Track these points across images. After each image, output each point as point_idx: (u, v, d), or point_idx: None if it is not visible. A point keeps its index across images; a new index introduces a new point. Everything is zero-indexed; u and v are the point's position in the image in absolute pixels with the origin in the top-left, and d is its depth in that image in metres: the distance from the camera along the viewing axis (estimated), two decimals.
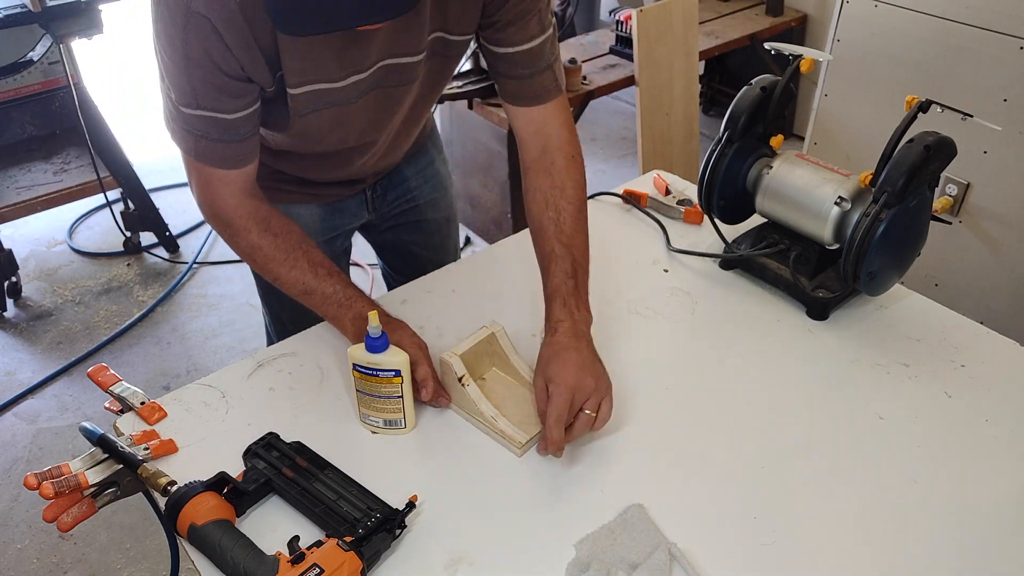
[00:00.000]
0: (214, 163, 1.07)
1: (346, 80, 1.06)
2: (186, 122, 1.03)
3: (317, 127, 1.12)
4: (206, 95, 1.00)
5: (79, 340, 2.68)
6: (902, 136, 1.16)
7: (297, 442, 1.03)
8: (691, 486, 1.00)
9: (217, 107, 1.01)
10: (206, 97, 1.00)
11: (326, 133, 1.15)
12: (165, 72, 1.01)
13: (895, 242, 1.16)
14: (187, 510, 0.90)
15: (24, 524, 2.08)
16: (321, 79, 1.04)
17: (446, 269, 1.43)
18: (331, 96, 1.07)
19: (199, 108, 1.01)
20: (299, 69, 1.02)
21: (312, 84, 1.04)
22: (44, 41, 2.70)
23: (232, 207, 1.11)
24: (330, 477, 0.98)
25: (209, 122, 1.03)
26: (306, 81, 1.04)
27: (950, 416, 1.10)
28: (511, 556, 0.92)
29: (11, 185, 2.73)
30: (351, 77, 1.06)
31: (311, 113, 1.08)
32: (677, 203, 1.50)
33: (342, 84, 1.06)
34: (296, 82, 1.03)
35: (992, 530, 0.95)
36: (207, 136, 1.04)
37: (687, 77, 2.98)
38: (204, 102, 1.01)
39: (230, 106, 1.02)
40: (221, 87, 1.00)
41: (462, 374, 1.06)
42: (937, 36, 2.08)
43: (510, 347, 1.13)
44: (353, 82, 1.07)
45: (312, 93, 1.05)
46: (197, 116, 1.02)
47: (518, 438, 1.04)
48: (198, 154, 1.07)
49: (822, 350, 1.21)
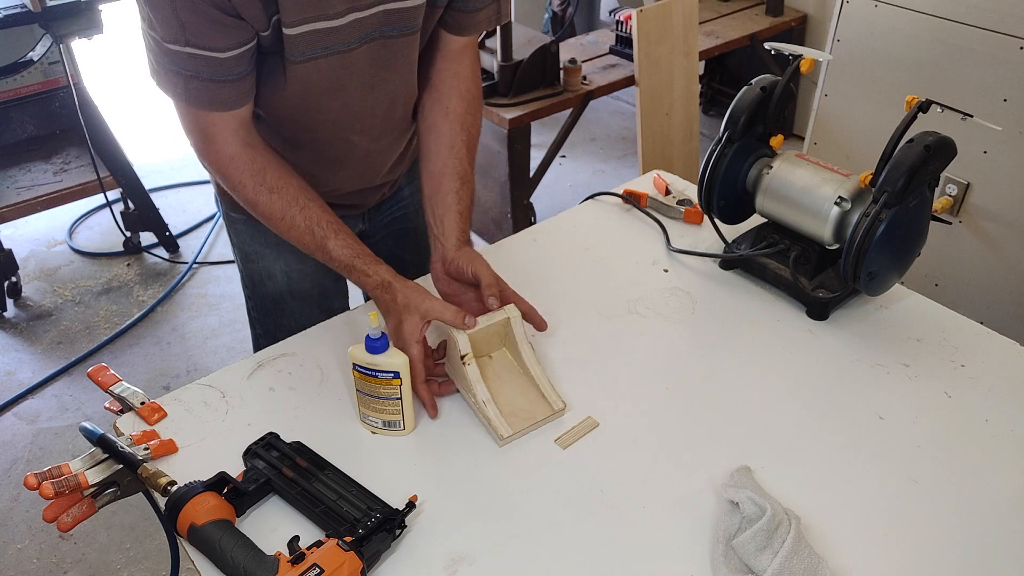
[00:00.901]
0: (208, 105, 1.02)
1: (346, 17, 1.02)
2: (174, 62, 0.97)
3: (317, 81, 1.09)
4: (196, 29, 0.95)
5: (79, 340, 2.68)
6: (902, 136, 1.16)
7: (297, 442, 1.03)
8: (691, 486, 1.00)
9: (208, 44, 0.96)
10: (195, 32, 0.95)
11: (326, 92, 1.12)
12: (149, 5, 0.95)
13: (895, 242, 1.16)
14: (187, 510, 0.90)
15: (24, 524, 2.08)
16: (320, 15, 1.01)
17: None
18: (329, 38, 1.03)
19: (188, 45, 0.96)
20: (297, 4, 0.98)
21: (311, 23, 1.01)
22: (44, 41, 2.71)
23: (227, 157, 1.07)
24: (330, 477, 0.98)
25: (200, 61, 0.97)
26: (304, 19, 1.00)
27: (950, 416, 1.10)
28: (511, 556, 0.92)
29: (11, 185, 2.73)
30: (351, 14, 1.03)
31: (309, 61, 1.05)
32: (677, 203, 1.50)
33: (341, 22, 1.03)
34: (294, 19, 0.99)
35: (992, 530, 0.95)
36: (198, 76, 0.98)
37: (687, 77, 2.98)
38: (193, 38, 0.95)
39: (221, 43, 0.97)
40: (212, 20, 0.94)
41: (465, 352, 1.06)
42: (937, 36, 2.08)
43: (523, 335, 1.12)
44: (353, 20, 1.03)
45: (310, 34, 1.01)
46: (186, 54, 0.96)
47: (502, 431, 1.04)
48: (189, 97, 1.01)
49: (822, 350, 1.21)
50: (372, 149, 1.27)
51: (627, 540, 0.94)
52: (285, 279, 1.39)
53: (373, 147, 1.27)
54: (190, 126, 1.06)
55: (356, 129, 1.21)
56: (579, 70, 2.79)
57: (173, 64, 0.98)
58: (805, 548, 0.88)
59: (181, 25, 0.94)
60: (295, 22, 1.00)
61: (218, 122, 1.04)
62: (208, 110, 1.03)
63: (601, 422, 1.08)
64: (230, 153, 1.07)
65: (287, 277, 1.39)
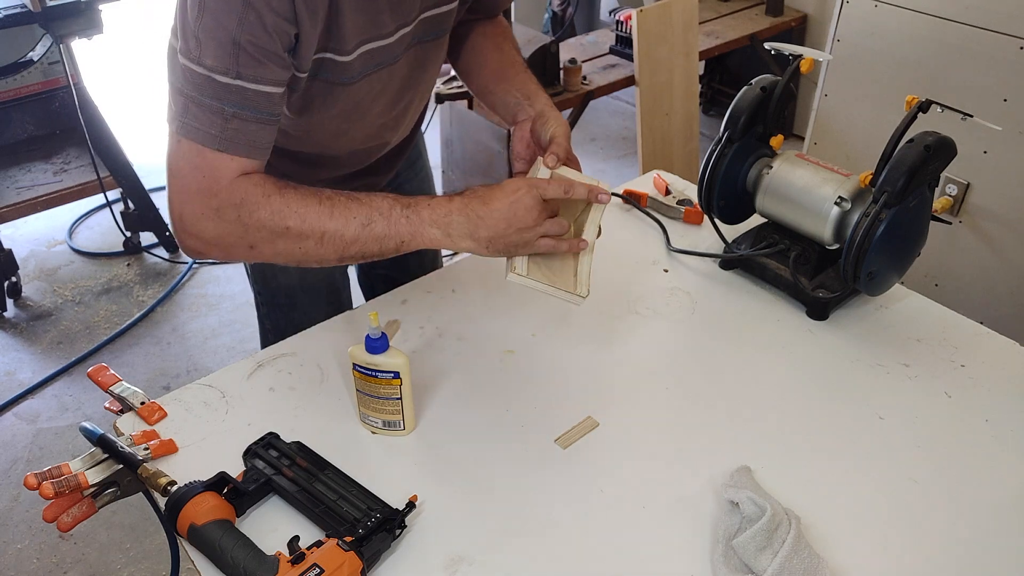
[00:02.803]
0: (243, 150, 0.93)
1: (396, 34, 1.03)
2: (217, 95, 0.89)
3: (362, 97, 1.07)
4: (250, 61, 0.88)
5: (79, 340, 2.68)
6: (902, 136, 1.16)
7: (297, 442, 1.03)
8: (691, 486, 1.00)
9: (260, 77, 0.89)
10: (250, 63, 0.88)
11: (367, 104, 1.10)
12: (202, 33, 0.86)
13: (895, 242, 1.16)
14: (187, 510, 0.90)
15: (24, 524, 2.08)
16: (375, 36, 1.00)
17: (446, 269, 1.43)
18: (381, 55, 1.03)
19: (239, 77, 0.88)
20: (358, 26, 0.96)
21: (366, 44, 1.00)
22: (44, 41, 2.70)
23: (240, 184, 0.94)
24: (330, 477, 0.98)
25: (251, 96, 0.90)
26: (362, 41, 0.99)
27: (950, 416, 1.10)
28: (511, 556, 0.92)
29: (11, 185, 2.73)
30: (400, 31, 1.03)
31: (362, 79, 1.03)
32: (677, 203, 1.50)
33: (392, 40, 1.03)
34: (352, 46, 0.98)
35: (992, 530, 0.95)
36: (241, 115, 0.90)
37: (687, 77, 2.98)
38: (247, 70, 0.88)
39: (273, 77, 0.90)
40: (269, 54, 0.89)
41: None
42: (937, 36, 2.08)
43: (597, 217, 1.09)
44: (400, 36, 1.03)
45: (366, 54, 1.01)
46: (236, 87, 0.89)
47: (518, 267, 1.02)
48: (224, 140, 0.91)
49: (822, 350, 1.21)
50: (393, 139, 1.29)
51: (627, 540, 0.94)
52: (298, 272, 1.39)
53: (394, 137, 1.28)
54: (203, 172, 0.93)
55: (389, 126, 1.22)
56: (579, 70, 2.79)
57: (216, 98, 0.89)
58: (805, 548, 0.88)
59: (237, 55, 0.87)
60: (352, 48, 0.98)
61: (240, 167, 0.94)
62: (242, 156, 0.93)
63: (601, 422, 1.08)
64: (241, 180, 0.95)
65: (299, 270, 1.39)
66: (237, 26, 0.86)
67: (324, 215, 0.96)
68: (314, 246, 0.97)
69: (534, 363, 1.18)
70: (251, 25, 0.87)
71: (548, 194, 1.01)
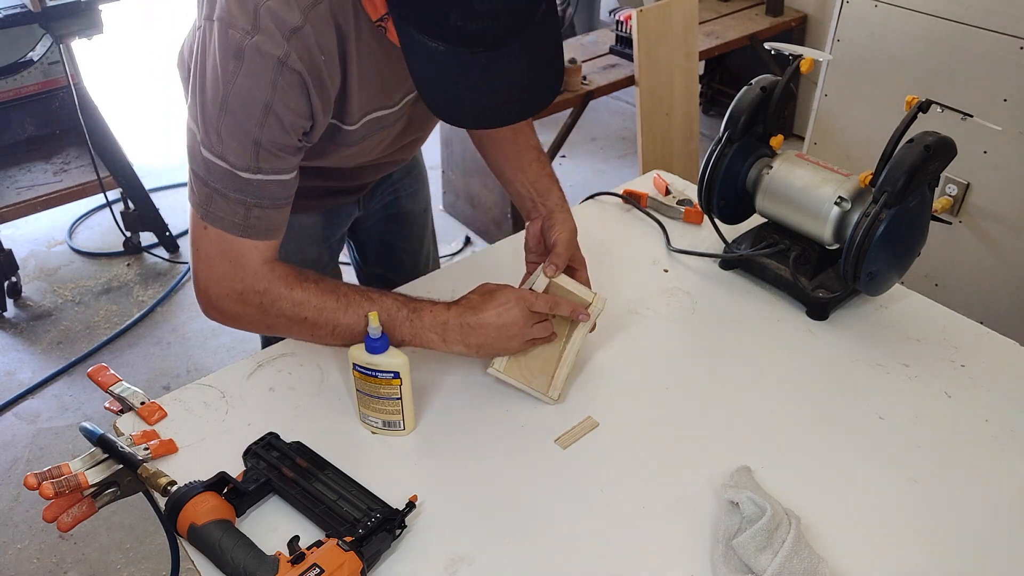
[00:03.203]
0: (264, 234, 0.98)
1: (401, 102, 1.07)
2: (240, 189, 0.94)
3: (369, 148, 1.12)
4: (269, 156, 0.93)
5: (79, 340, 2.68)
6: (902, 136, 1.16)
7: (297, 442, 1.03)
8: (691, 486, 1.00)
9: (279, 168, 0.95)
10: (269, 158, 0.94)
11: (376, 150, 1.15)
12: (224, 131, 0.91)
13: (895, 242, 1.16)
14: (187, 510, 0.90)
15: (24, 524, 2.08)
16: (381, 106, 1.04)
17: (446, 269, 1.43)
18: (384, 121, 1.08)
19: (260, 172, 0.94)
20: (366, 100, 1.01)
21: (371, 114, 1.04)
22: (44, 41, 2.70)
23: (265, 273, 1.01)
24: (330, 477, 0.98)
25: (270, 186, 0.96)
26: (366, 113, 1.03)
27: (950, 416, 1.10)
28: (511, 556, 0.92)
29: (11, 185, 2.73)
30: (405, 98, 1.07)
31: (363, 140, 1.08)
32: (677, 203, 1.50)
33: (397, 107, 1.07)
34: (357, 118, 1.02)
35: (992, 530, 0.95)
36: (261, 204, 0.96)
37: (687, 77, 2.98)
38: (266, 164, 0.94)
39: (288, 164, 0.96)
40: (287, 147, 0.94)
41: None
42: (937, 36, 2.08)
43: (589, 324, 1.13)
44: (405, 103, 1.08)
45: (369, 122, 1.05)
46: (257, 181, 0.95)
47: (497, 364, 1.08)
48: (248, 227, 0.97)
49: (822, 350, 1.21)
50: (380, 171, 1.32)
51: (627, 540, 0.94)
52: None
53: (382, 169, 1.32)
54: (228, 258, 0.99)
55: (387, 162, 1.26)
56: (579, 70, 2.79)
57: (239, 192, 0.95)
58: (805, 548, 0.88)
59: (258, 153, 0.93)
60: (358, 119, 1.02)
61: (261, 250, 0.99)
62: (263, 239, 0.99)
63: (601, 422, 1.08)
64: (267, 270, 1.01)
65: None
66: (258, 129, 0.91)
67: (340, 311, 1.02)
68: (326, 336, 1.04)
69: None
70: (271, 128, 0.92)
71: (535, 308, 1.06)
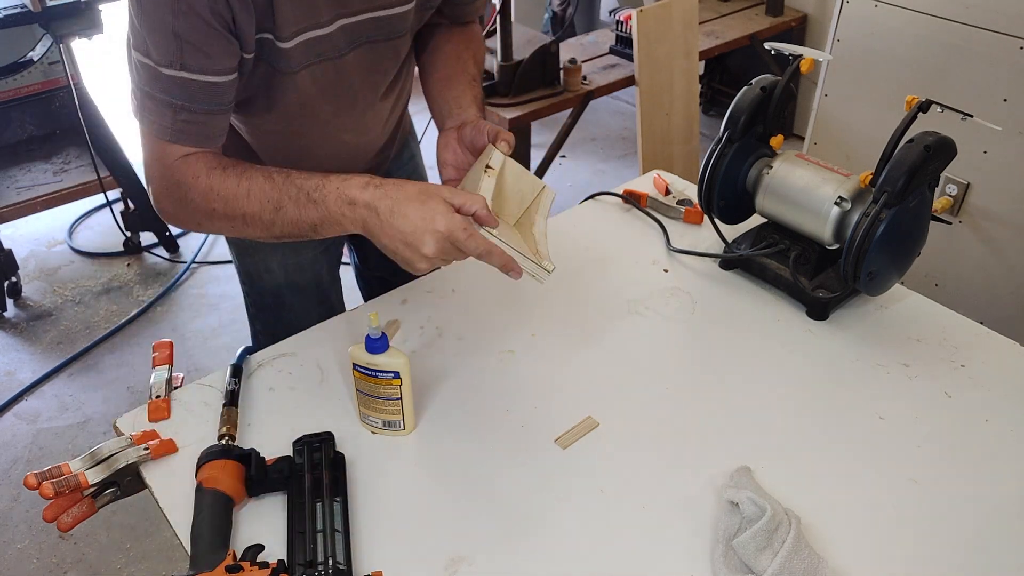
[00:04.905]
0: (194, 141, 0.96)
1: (334, 24, 1.02)
2: (166, 89, 0.92)
3: (310, 89, 1.07)
4: (194, 51, 0.90)
5: (79, 340, 2.68)
6: (902, 136, 1.16)
7: (340, 453, 1.01)
8: (691, 486, 1.00)
9: (206, 67, 0.91)
10: (194, 54, 0.90)
11: (319, 98, 1.10)
12: (144, 28, 0.90)
13: (895, 242, 1.16)
14: (205, 468, 0.94)
15: (24, 524, 2.08)
16: (311, 24, 1.00)
17: (446, 269, 1.43)
18: (321, 45, 1.03)
19: (183, 68, 0.90)
20: (292, 16, 0.97)
21: (304, 33, 0.99)
22: (44, 41, 2.70)
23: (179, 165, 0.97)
24: (333, 509, 0.94)
25: (196, 87, 0.92)
26: (297, 31, 0.99)
27: (950, 416, 1.10)
28: (511, 556, 0.92)
29: (11, 185, 2.73)
30: (339, 21, 1.03)
31: (304, 69, 1.03)
32: (677, 203, 1.50)
33: (331, 29, 1.02)
34: (288, 33, 0.98)
35: (992, 530, 0.95)
36: (189, 107, 0.93)
37: (687, 77, 2.98)
38: (192, 60, 0.90)
39: (220, 65, 0.92)
40: (212, 40, 0.90)
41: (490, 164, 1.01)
42: (937, 36, 2.08)
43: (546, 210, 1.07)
44: (341, 27, 1.03)
45: (304, 44, 1.01)
46: (181, 79, 0.91)
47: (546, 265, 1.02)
48: (176, 132, 0.94)
49: (822, 350, 1.21)
50: (361, 142, 1.28)
51: (627, 540, 0.94)
52: (283, 272, 1.39)
53: (362, 140, 1.27)
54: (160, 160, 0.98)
55: (347, 128, 1.22)
56: (579, 70, 2.79)
57: (165, 92, 0.92)
58: (805, 548, 0.88)
59: (180, 47, 0.89)
60: (290, 35, 0.99)
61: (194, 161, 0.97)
62: (193, 146, 0.97)
63: (601, 422, 1.08)
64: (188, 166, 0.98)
65: (284, 270, 1.39)
66: (172, 16, 0.88)
67: (242, 197, 0.97)
68: (242, 226, 0.99)
69: (534, 363, 1.18)
70: (185, 15, 0.88)
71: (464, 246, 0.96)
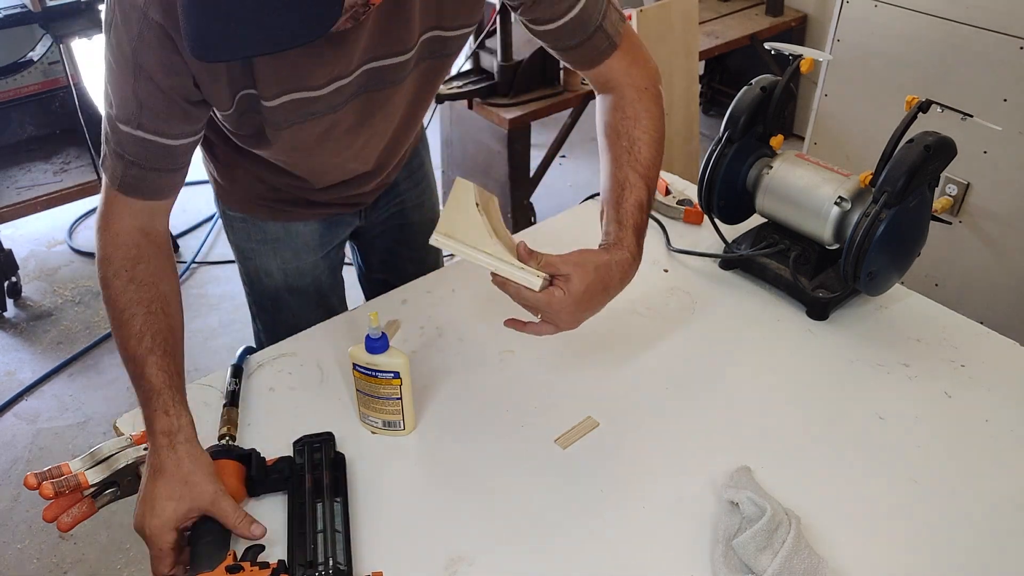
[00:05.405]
0: (139, 194, 0.96)
1: (328, 87, 0.98)
2: (119, 143, 0.93)
3: (303, 140, 1.04)
4: (153, 116, 0.91)
5: (79, 340, 2.68)
6: (902, 136, 1.16)
7: (340, 454, 1.01)
8: (691, 486, 1.00)
9: (163, 130, 0.93)
10: (153, 115, 0.91)
11: (314, 145, 1.07)
12: (111, 82, 0.92)
13: (895, 242, 1.16)
14: None
15: (24, 524, 2.08)
16: (300, 87, 0.96)
17: (446, 269, 1.43)
18: (312, 105, 0.99)
19: (139, 128, 0.92)
20: (274, 79, 0.94)
21: (290, 94, 0.96)
22: (44, 41, 2.70)
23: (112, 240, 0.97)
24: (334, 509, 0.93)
25: (149, 147, 0.93)
26: (283, 91, 0.95)
27: (950, 416, 1.10)
28: (511, 556, 0.92)
29: (11, 185, 2.73)
30: (333, 84, 0.98)
31: (292, 127, 1.00)
32: (677, 203, 1.50)
33: (324, 92, 0.98)
34: (272, 93, 0.95)
35: (992, 530, 0.95)
36: (139, 163, 0.94)
37: (687, 77, 2.98)
38: (149, 122, 0.92)
39: (176, 130, 0.94)
40: (170, 109, 0.91)
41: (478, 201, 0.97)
42: (937, 36, 2.08)
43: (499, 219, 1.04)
44: (335, 88, 0.99)
45: (291, 103, 0.97)
46: (135, 137, 0.92)
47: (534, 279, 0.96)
48: (125, 184, 0.95)
49: (822, 350, 1.21)
50: (366, 170, 1.24)
51: (627, 540, 0.94)
52: (282, 275, 1.39)
53: (366, 168, 1.23)
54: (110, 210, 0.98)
55: (351, 159, 1.18)
56: None
57: (119, 146, 0.93)
58: (805, 548, 0.88)
59: (139, 107, 0.90)
60: (274, 95, 0.95)
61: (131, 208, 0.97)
62: (139, 199, 0.97)
63: (601, 422, 1.08)
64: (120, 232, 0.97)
65: (284, 274, 1.39)
66: (133, 80, 0.89)
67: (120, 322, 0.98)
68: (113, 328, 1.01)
69: (534, 363, 1.18)
70: (145, 83, 0.89)
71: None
